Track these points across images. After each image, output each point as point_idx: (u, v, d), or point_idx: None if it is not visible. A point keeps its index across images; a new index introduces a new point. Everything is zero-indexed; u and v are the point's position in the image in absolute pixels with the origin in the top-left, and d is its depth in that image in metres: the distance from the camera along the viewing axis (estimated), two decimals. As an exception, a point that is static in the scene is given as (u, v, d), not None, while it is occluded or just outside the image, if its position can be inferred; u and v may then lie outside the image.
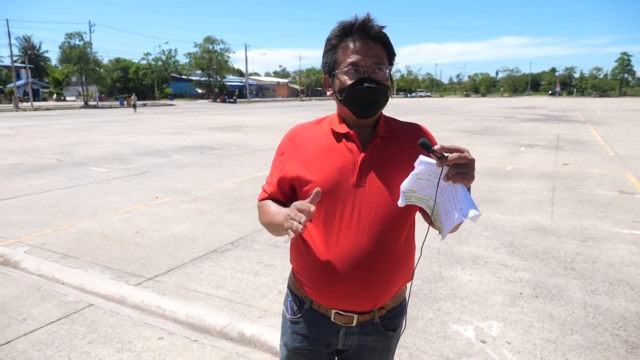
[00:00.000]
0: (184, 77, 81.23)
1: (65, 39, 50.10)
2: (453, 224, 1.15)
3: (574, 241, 5.14)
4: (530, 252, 4.80)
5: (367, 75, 1.32)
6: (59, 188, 7.91)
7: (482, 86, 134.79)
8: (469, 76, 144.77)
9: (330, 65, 1.39)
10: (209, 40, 70.47)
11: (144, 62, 74.60)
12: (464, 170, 1.14)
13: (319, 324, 1.48)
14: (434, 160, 1.14)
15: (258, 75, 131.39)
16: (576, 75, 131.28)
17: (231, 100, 65.43)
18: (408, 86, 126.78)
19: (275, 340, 3.10)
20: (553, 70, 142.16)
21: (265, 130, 19.65)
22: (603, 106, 48.16)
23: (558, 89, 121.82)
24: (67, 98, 69.28)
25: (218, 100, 66.95)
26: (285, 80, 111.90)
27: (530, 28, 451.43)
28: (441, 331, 3.26)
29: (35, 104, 50.36)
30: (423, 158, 1.15)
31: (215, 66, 71.00)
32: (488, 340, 3.14)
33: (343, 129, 1.41)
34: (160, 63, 73.75)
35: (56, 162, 10.74)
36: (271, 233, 1.49)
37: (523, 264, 4.50)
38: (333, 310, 1.44)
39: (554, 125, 21.87)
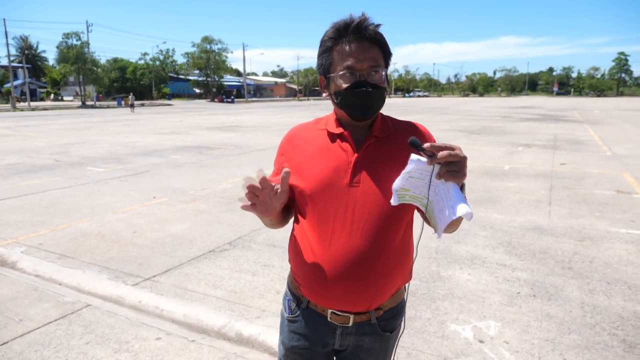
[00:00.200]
0: (182, 77, 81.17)
1: (63, 38, 50.02)
2: (446, 222, 1.15)
3: (571, 241, 5.15)
4: (527, 252, 4.80)
5: (363, 79, 1.31)
6: (56, 188, 7.89)
7: (480, 86, 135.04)
8: (466, 76, 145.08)
9: (326, 68, 1.38)
10: (207, 40, 70.43)
11: (142, 62, 74.49)
12: (456, 168, 1.13)
13: (315, 324, 1.48)
14: (425, 159, 1.14)
15: (256, 75, 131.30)
16: (574, 75, 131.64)
17: (229, 100, 65.34)
18: (406, 86, 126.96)
19: (273, 341, 3.09)
20: (551, 70, 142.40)
21: (263, 130, 19.63)
22: (600, 106, 48.27)
23: (555, 89, 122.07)
24: (65, 98, 69.09)
25: (216, 100, 66.84)
26: (283, 80, 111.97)
27: (528, 28, 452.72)
28: (439, 331, 3.26)
29: (33, 104, 50.24)
30: (414, 156, 1.15)
31: (213, 66, 70.96)
32: (486, 340, 3.14)
33: (338, 129, 1.41)
34: (157, 63, 73.64)
35: (53, 162, 10.71)
36: (263, 222, 1.48)
37: (521, 263, 4.50)
38: (329, 310, 1.44)
39: (552, 125, 21.91)
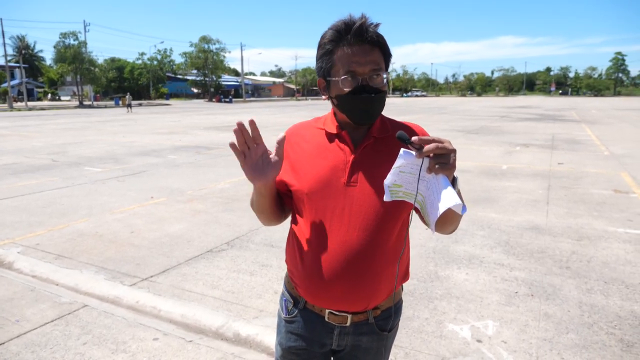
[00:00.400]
0: (180, 77, 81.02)
1: (60, 38, 49.83)
2: (437, 215, 1.15)
3: (569, 240, 5.16)
4: (525, 251, 4.81)
5: (365, 83, 1.30)
6: (53, 188, 7.86)
7: (478, 86, 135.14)
8: (464, 76, 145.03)
9: (326, 71, 1.36)
10: (205, 39, 70.31)
11: (140, 62, 74.34)
12: (444, 160, 1.12)
13: (313, 324, 1.47)
14: (414, 152, 1.14)
15: (254, 74, 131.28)
16: (571, 74, 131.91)
17: (227, 100, 65.31)
18: (404, 86, 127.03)
19: (270, 341, 3.09)
20: (548, 69, 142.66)
21: (261, 130, 19.34)
22: (597, 105, 48.39)
23: (553, 88, 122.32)
24: (62, 98, 68.92)
25: (214, 100, 66.81)
26: (281, 80, 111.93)
27: (526, 28, 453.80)
28: (437, 330, 3.26)
29: (30, 103, 50.11)
30: (404, 151, 1.15)
31: (211, 66, 70.89)
32: (484, 340, 3.14)
33: (336, 129, 1.40)
34: (155, 63, 73.47)
35: (51, 162, 10.68)
36: (257, 212, 1.46)
37: (518, 263, 4.50)
38: (327, 310, 1.43)
39: (549, 125, 21.95)
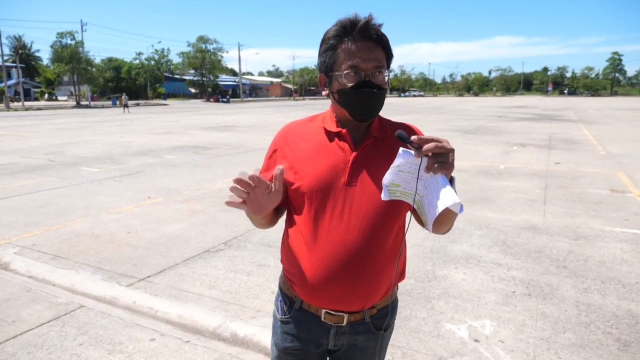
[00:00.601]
0: (177, 77, 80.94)
1: (57, 38, 49.70)
2: (436, 214, 1.16)
3: (566, 240, 5.17)
4: (522, 251, 4.81)
5: (368, 79, 1.31)
6: (50, 188, 7.84)
7: (475, 86, 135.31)
8: (462, 76, 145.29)
9: (329, 66, 1.36)
10: (202, 39, 70.26)
11: (137, 62, 74.21)
12: (443, 160, 1.13)
13: (309, 324, 1.47)
14: (413, 151, 1.15)
15: (251, 74, 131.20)
16: (568, 74, 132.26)
17: (224, 99, 65.25)
18: (401, 85, 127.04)
19: (268, 341, 3.08)
20: (545, 69, 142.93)
21: (258, 129, 19.60)
22: (594, 105, 48.52)
23: (550, 88, 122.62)
24: (59, 98, 68.78)
25: (211, 99, 66.76)
26: (278, 80, 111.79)
27: (523, 28, 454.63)
28: (434, 330, 3.26)
29: (27, 103, 49.97)
30: (402, 150, 1.16)
31: (208, 65, 70.81)
32: (481, 339, 3.14)
33: (336, 127, 1.40)
34: (153, 62, 73.35)
35: (47, 162, 10.65)
36: (254, 223, 1.47)
37: (516, 262, 4.51)
38: (323, 310, 1.43)
39: (546, 125, 22.00)
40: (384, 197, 1.24)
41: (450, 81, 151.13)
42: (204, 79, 72.68)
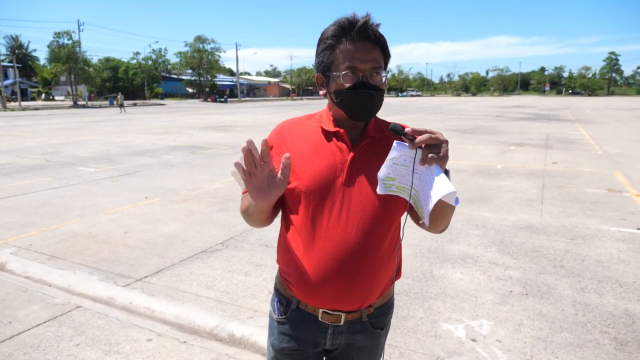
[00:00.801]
0: (175, 77, 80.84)
1: (54, 38, 49.58)
2: (432, 205, 1.16)
3: (563, 239, 5.18)
4: (520, 251, 4.82)
5: (366, 80, 1.31)
6: (46, 189, 7.81)
7: (473, 85, 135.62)
8: (459, 76, 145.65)
9: (326, 65, 1.36)
10: (200, 39, 70.11)
11: (134, 62, 74.07)
12: (437, 151, 1.14)
13: (306, 324, 1.46)
14: (407, 143, 1.15)
15: (249, 74, 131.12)
16: (565, 74, 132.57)
17: (222, 99, 65.13)
18: (399, 85, 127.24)
19: (265, 341, 3.05)
20: (542, 69, 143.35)
21: (256, 129, 19.58)
22: (591, 105, 48.65)
23: (547, 88, 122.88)
24: (56, 98, 68.57)
25: (209, 99, 66.61)
26: (276, 80, 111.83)
27: (520, 28, 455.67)
28: (432, 330, 3.26)
29: (24, 103, 49.79)
30: (397, 142, 1.16)
31: (205, 65, 70.67)
32: (478, 339, 3.14)
33: (333, 127, 1.40)
34: (150, 62, 73.22)
35: (44, 162, 10.62)
36: (251, 219, 1.44)
37: (513, 262, 4.51)
38: (320, 310, 1.43)
39: (543, 124, 22.05)
40: (379, 191, 1.24)
41: (447, 81, 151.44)
42: (201, 78, 72.55)
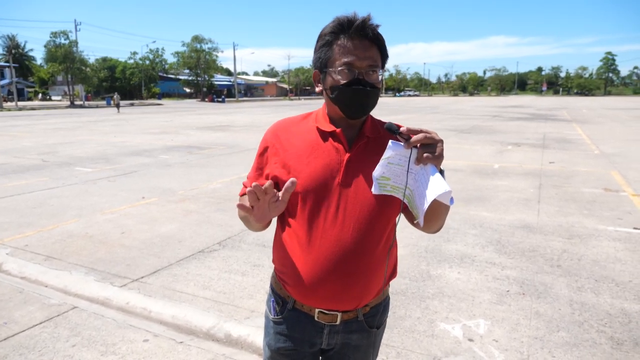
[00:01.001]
0: (172, 77, 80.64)
1: (51, 37, 49.38)
2: (427, 205, 1.16)
3: (560, 239, 5.18)
4: (517, 250, 4.83)
5: (361, 77, 1.31)
6: (43, 189, 7.78)
7: (470, 85, 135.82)
8: (456, 75, 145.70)
9: (323, 62, 1.36)
10: (197, 39, 70.00)
11: (131, 62, 73.91)
12: (432, 150, 1.15)
13: (302, 324, 1.46)
14: (403, 143, 1.15)
15: (247, 74, 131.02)
16: (562, 74, 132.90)
17: (219, 99, 65.06)
18: (397, 85, 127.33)
19: (262, 342, 3.07)
20: (539, 69, 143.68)
21: (253, 129, 19.56)
22: (588, 105, 48.78)
23: (544, 88, 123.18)
24: (53, 98, 68.40)
25: (206, 99, 66.53)
26: (274, 80, 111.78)
27: (517, 28, 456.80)
28: (429, 330, 3.26)
29: (20, 103, 49.63)
30: (392, 142, 1.16)
31: (203, 65, 70.61)
32: (475, 339, 3.14)
33: (329, 127, 1.39)
34: (147, 62, 73.04)
35: (41, 163, 10.58)
36: (248, 226, 1.46)
37: (510, 261, 4.52)
38: (316, 310, 1.43)
39: (541, 124, 22.09)
40: (374, 191, 1.24)
41: (445, 81, 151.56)
42: (198, 78, 72.47)
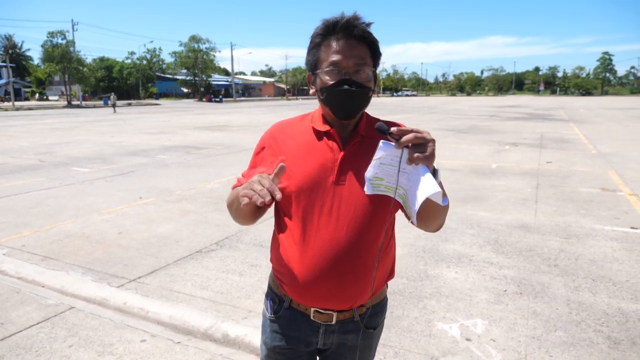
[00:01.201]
0: (169, 77, 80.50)
1: (48, 37, 49.20)
2: (418, 205, 1.16)
3: (557, 238, 5.19)
4: (514, 250, 4.83)
5: (348, 77, 1.30)
6: (40, 189, 7.76)
7: (468, 85, 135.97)
8: (454, 75, 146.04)
9: (313, 64, 1.37)
10: (195, 39, 69.86)
11: (129, 61, 73.69)
12: (423, 150, 1.14)
13: (298, 323, 1.46)
14: (394, 143, 1.15)
15: (244, 74, 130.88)
16: (559, 74, 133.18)
17: (217, 99, 65.02)
18: (394, 85, 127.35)
19: (259, 342, 3.06)
20: (537, 69, 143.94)
21: (251, 129, 19.55)
22: (585, 105, 48.89)
23: (542, 88, 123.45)
24: (50, 97, 68.20)
25: (204, 99, 66.50)
26: (271, 80, 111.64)
27: (514, 28, 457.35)
28: (426, 329, 3.26)
29: (17, 103, 49.48)
30: (383, 142, 1.16)
31: (200, 65, 70.46)
32: (473, 338, 3.14)
33: (324, 126, 1.39)
34: (145, 62, 72.87)
35: (38, 163, 10.55)
36: (234, 216, 1.46)
37: (507, 261, 4.52)
38: (312, 309, 1.43)
39: (538, 124, 22.13)
40: (367, 191, 1.24)
41: (442, 81, 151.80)
42: (196, 78, 72.32)
